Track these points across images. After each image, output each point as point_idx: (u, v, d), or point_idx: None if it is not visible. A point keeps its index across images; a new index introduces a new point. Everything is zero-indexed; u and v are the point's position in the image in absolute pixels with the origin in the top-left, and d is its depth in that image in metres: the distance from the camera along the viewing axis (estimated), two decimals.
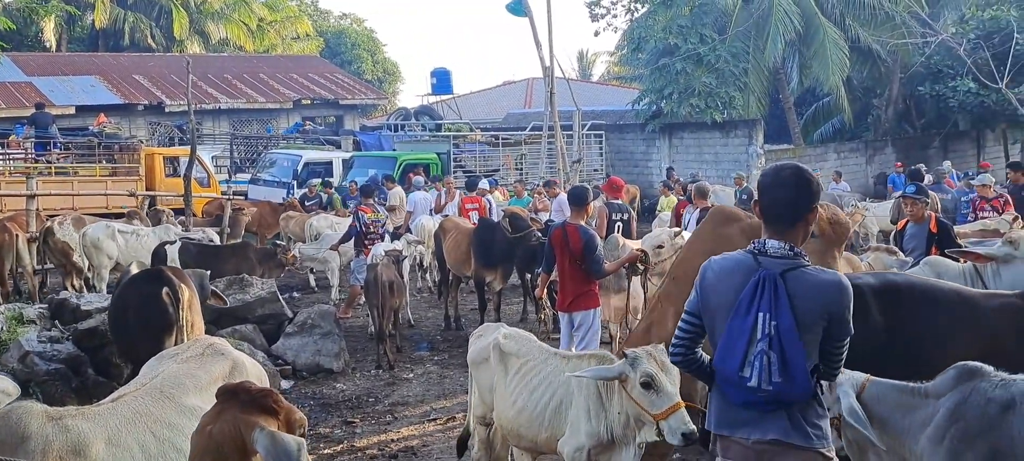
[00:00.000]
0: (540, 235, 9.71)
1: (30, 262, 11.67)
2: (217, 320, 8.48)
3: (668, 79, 22.60)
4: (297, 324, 9.02)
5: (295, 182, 19.65)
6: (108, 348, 7.42)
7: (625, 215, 9.88)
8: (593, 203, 8.72)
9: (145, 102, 27.62)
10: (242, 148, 25.60)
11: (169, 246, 10.74)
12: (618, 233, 9.27)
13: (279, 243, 12.54)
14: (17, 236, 11.39)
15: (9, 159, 19.73)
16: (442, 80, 29.00)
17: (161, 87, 28.60)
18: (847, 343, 3.05)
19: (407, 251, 11.06)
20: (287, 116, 30.16)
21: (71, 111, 25.84)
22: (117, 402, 3.96)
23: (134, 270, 7.65)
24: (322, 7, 46.53)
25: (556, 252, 6.92)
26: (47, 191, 15.43)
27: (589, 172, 22.10)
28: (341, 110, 31.78)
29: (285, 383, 8.30)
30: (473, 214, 12.71)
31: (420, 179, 15.97)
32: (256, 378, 4.21)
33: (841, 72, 22.68)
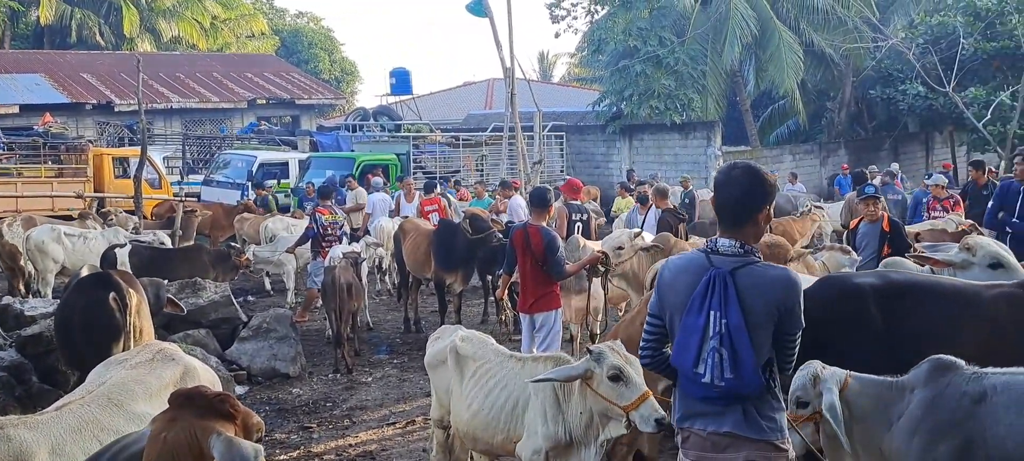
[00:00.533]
0: (501, 236, 9.65)
1: None
2: (168, 325, 8.27)
3: (628, 81, 22.75)
4: (252, 328, 8.88)
5: (250, 183, 19.33)
6: (53, 355, 7.19)
7: (584, 215, 9.90)
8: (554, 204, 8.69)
9: (93, 101, 26.96)
10: (195, 149, 25.18)
11: (119, 249, 10.45)
12: (578, 233, 9.27)
13: (233, 245, 12.29)
14: None
15: None
16: (401, 80, 28.81)
17: (110, 86, 27.96)
18: (799, 337, 3.13)
19: (366, 253, 10.93)
20: (241, 116, 29.70)
21: (15, 110, 25.16)
22: (62, 410, 3.85)
23: (84, 273, 7.42)
24: (278, 5, 45.89)
25: (517, 253, 6.88)
26: None
27: (550, 173, 22.12)
28: (297, 110, 31.39)
29: (240, 389, 8.15)
30: (433, 216, 12.61)
31: (379, 180, 15.82)
32: (209, 383, 4.10)
33: (796, 75, 23.05)
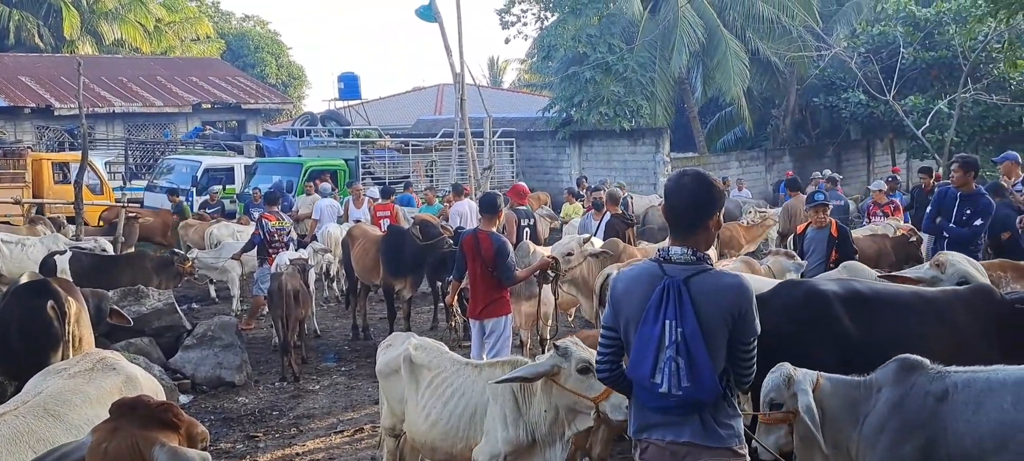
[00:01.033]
0: (452, 242, 9.62)
1: None
2: (110, 333, 8.06)
3: (578, 87, 22.89)
4: (196, 336, 8.73)
5: (195, 189, 18.99)
6: None
7: (531, 220, 9.92)
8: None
9: (32, 105, 26.17)
10: (138, 154, 24.62)
11: (59, 256, 10.19)
12: (526, 238, 9.30)
13: (177, 252, 12.06)
14: None
15: None
16: (350, 85, 28.56)
17: (50, 89, 27.18)
18: (754, 344, 3.12)
19: (313, 260, 10.81)
20: (186, 120, 29.11)
21: None
22: None
23: (24, 281, 7.21)
24: (224, 9, 45.22)
25: (467, 259, 6.86)
26: None
27: (500, 179, 22.14)
28: (243, 115, 30.89)
29: (184, 398, 8.02)
30: (385, 222, 12.52)
31: (326, 186, 15.67)
32: (151, 393, 4.01)
33: (742, 83, 23.44)
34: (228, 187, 19.48)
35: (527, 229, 9.71)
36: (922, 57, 20.99)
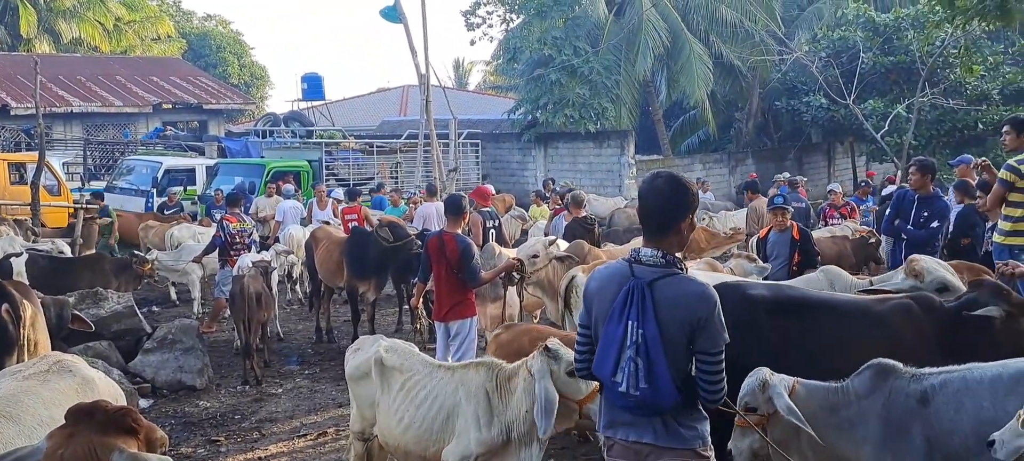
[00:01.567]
0: (420, 244, 9.58)
1: None
2: (67, 337, 7.88)
3: (543, 89, 22.93)
4: (156, 339, 8.60)
5: (155, 190, 18.69)
6: None
7: (496, 222, 9.91)
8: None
9: None
10: (97, 154, 24.18)
11: (15, 259, 9.97)
12: (492, 240, 9.30)
13: (136, 253, 11.86)
14: None
15: None
16: (313, 85, 28.35)
17: (6, 88, 26.58)
18: (720, 357, 3.05)
19: (276, 262, 10.69)
20: (146, 121, 28.66)
21: None
22: None
23: None
24: (185, 8, 44.57)
25: (432, 261, 6.84)
26: None
27: (466, 181, 22.11)
28: (205, 115, 30.48)
29: (143, 402, 7.89)
30: (352, 225, 12.42)
31: (289, 187, 15.53)
32: (109, 397, 3.94)
33: (706, 86, 23.64)
34: (189, 188, 19.22)
35: (492, 231, 9.71)
36: (881, 62, 21.33)
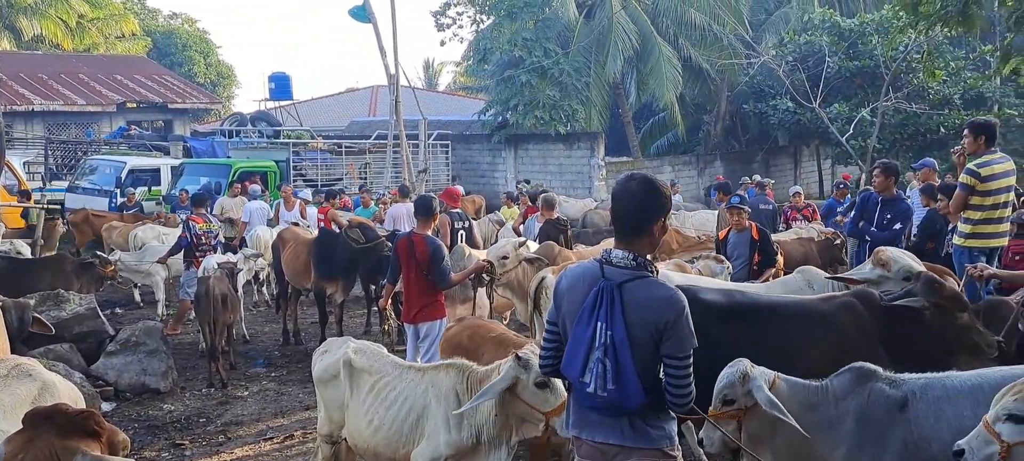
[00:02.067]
0: (391, 245, 9.52)
1: None
2: (28, 340, 7.73)
3: (513, 91, 22.96)
4: (120, 342, 8.45)
5: (118, 190, 18.39)
6: None
7: (466, 223, 9.89)
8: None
9: None
10: (59, 153, 23.75)
11: None
12: (462, 242, 9.26)
13: (99, 254, 11.65)
14: None
15: None
16: (281, 85, 28.12)
17: None
18: (687, 362, 3.04)
19: (244, 265, 10.56)
20: (110, 120, 28.19)
21: None
22: None
23: None
24: (150, 5, 43.77)
25: (402, 262, 6.79)
26: None
27: (436, 182, 22.06)
28: (170, 114, 30.07)
29: (106, 405, 7.75)
30: (321, 225, 12.31)
31: (256, 188, 15.35)
32: (70, 400, 3.87)
33: (675, 89, 23.84)
34: (154, 189, 18.94)
35: (461, 232, 9.67)
36: (846, 66, 21.65)
